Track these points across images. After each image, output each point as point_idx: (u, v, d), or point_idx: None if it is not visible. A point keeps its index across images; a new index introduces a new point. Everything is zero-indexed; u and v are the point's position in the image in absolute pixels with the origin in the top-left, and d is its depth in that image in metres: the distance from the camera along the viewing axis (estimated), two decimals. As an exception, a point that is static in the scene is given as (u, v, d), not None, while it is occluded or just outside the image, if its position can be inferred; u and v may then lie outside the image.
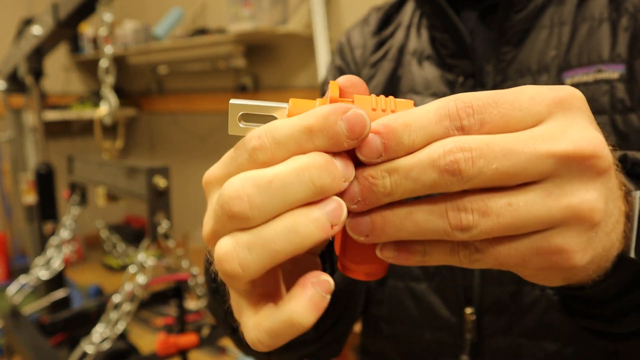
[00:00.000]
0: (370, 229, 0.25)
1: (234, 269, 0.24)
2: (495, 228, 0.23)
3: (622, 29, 0.50)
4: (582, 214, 0.24)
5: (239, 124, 0.27)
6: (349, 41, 0.71)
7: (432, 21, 0.59)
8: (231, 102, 0.27)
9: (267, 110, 0.27)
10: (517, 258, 0.25)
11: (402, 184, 0.24)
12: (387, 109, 0.26)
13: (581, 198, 0.24)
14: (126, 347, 1.32)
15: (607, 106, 0.49)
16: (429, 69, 0.61)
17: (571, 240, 0.24)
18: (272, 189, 0.23)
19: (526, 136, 0.23)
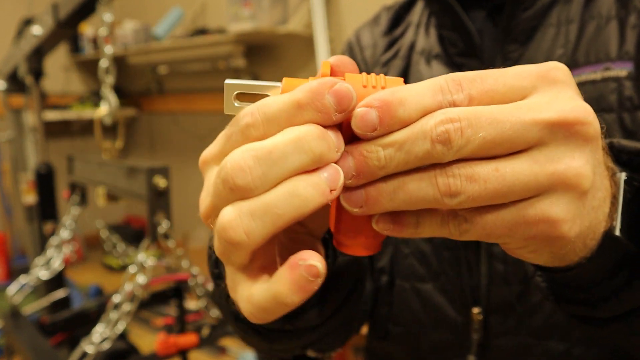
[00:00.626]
0: (364, 200, 0.26)
1: (239, 236, 0.24)
2: (482, 194, 0.24)
3: (630, 27, 0.50)
4: (569, 180, 0.24)
5: (234, 103, 0.28)
6: (359, 41, 0.70)
7: (441, 20, 0.59)
8: (227, 82, 0.28)
9: (261, 89, 0.28)
10: (505, 227, 0.25)
11: (396, 156, 0.25)
12: (378, 85, 0.27)
13: (567, 164, 0.24)
14: (126, 347, 1.32)
15: (614, 104, 0.49)
16: (437, 68, 0.61)
17: (558, 208, 0.25)
18: (272, 159, 0.24)
19: (511, 107, 0.24)
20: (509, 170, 0.24)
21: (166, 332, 1.52)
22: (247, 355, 2.01)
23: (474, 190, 0.24)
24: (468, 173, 0.24)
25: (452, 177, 0.24)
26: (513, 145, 0.24)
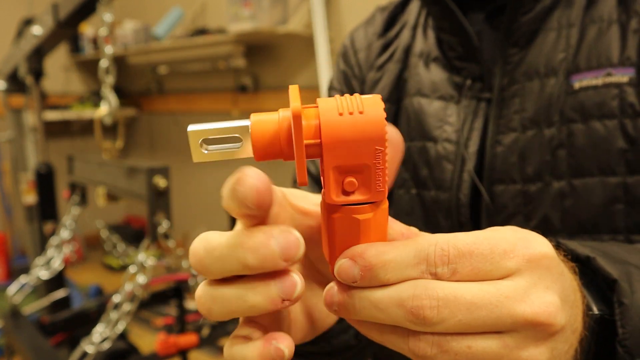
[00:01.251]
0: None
1: (203, 312, 0.27)
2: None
3: (631, 32, 0.50)
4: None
5: (203, 151, 0.26)
6: (353, 44, 0.70)
7: (440, 23, 0.59)
8: (189, 129, 0.26)
9: (228, 132, 0.26)
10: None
11: (370, 311, 0.26)
12: (354, 110, 0.24)
13: (531, 353, 0.26)
14: (126, 347, 1.32)
15: (616, 110, 0.49)
16: (436, 71, 0.60)
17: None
18: (214, 256, 0.26)
19: (492, 292, 0.25)
20: (480, 350, 0.26)
21: (166, 332, 1.52)
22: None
23: (442, 358, 0.26)
24: (442, 345, 0.26)
25: (426, 343, 0.26)
26: (486, 329, 0.26)
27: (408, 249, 0.26)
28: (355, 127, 0.24)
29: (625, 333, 0.32)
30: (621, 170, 0.48)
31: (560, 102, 0.51)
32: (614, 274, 0.33)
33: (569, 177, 0.50)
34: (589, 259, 0.35)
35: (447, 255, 0.26)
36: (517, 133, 0.53)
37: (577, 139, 0.50)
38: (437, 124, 0.58)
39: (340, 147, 0.25)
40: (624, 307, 0.32)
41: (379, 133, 0.24)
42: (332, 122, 0.24)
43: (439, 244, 0.26)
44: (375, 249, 0.26)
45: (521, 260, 0.26)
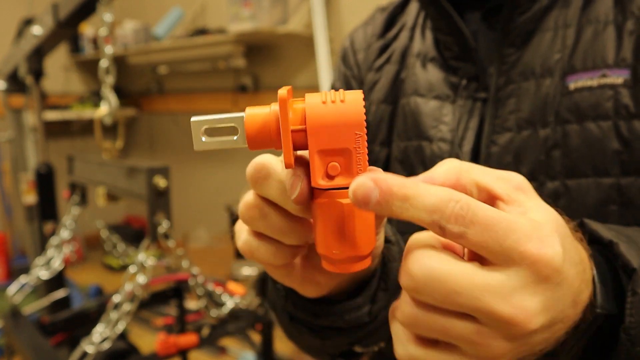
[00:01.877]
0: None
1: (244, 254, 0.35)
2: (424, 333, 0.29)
3: (627, 33, 0.50)
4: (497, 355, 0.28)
5: (202, 139, 0.30)
6: (352, 44, 0.70)
7: (436, 23, 0.59)
8: (192, 119, 0.30)
9: (226, 122, 0.30)
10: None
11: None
12: (337, 99, 0.27)
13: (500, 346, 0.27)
14: (126, 347, 1.32)
15: (611, 112, 0.49)
16: (432, 72, 0.60)
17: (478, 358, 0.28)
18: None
19: (477, 282, 0.26)
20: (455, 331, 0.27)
21: (166, 332, 1.51)
22: (247, 355, 2.01)
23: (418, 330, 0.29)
24: (415, 314, 0.28)
25: (400, 311, 0.29)
26: (462, 311, 0.27)
27: (431, 194, 0.26)
28: (336, 113, 0.27)
29: (632, 322, 0.32)
30: (615, 172, 0.48)
31: (555, 102, 0.51)
32: (634, 263, 0.33)
33: (563, 177, 0.51)
34: (611, 244, 0.35)
35: (464, 217, 0.26)
36: (512, 133, 0.53)
37: (571, 139, 0.50)
38: (433, 124, 0.58)
39: (323, 131, 0.28)
40: (637, 296, 0.32)
41: (358, 118, 0.27)
42: (316, 109, 0.28)
43: (460, 203, 0.26)
44: (401, 180, 0.27)
45: (527, 258, 0.26)
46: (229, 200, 3.05)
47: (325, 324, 0.43)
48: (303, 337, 0.47)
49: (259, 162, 0.31)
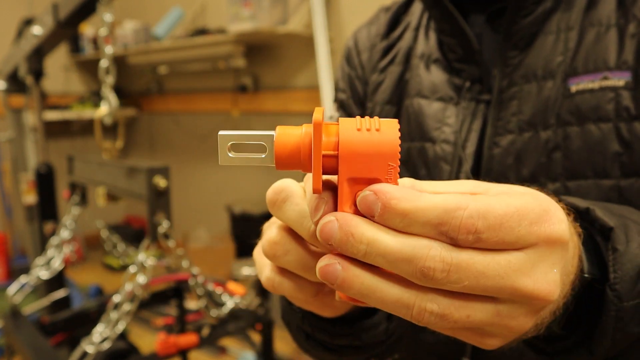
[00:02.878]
0: (340, 280, 0.27)
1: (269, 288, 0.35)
2: (447, 328, 0.28)
3: (629, 36, 0.50)
4: (514, 331, 0.28)
5: (229, 154, 0.29)
6: (356, 44, 0.70)
7: (441, 25, 0.59)
8: (220, 133, 0.29)
9: (255, 139, 0.28)
10: (450, 333, 0.30)
11: (376, 258, 0.26)
12: (372, 128, 0.26)
13: (520, 324, 0.28)
14: (126, 347, 1.32)
15: (611, 114, 0.49)
16: (436, 73, 0.60)
17: (496, 340, 0.29)
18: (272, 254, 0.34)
19: (502, 264, 0.26)
20: (477, 317, 0.27)
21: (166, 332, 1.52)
22: (247, 355, 2.01)
23: (442, 325, 0.27)
24: (445, 313, 0.26)
25: (429, 312, 0.26)
26: (485, 294, 0.26)
27: (436, 206, 0.25)
28: (371, 143, 0.26)
29: (617, 277, 0.33)
30: (615, 174, 0.49)
31: (557, 105, 0.52)
32: (611, 223, 0.35)
33: (563, 179, 0.51)
34: (588, 210, 0.36)
35: (475, 225, 0.25)
36: (514, 135, 0.53)
37: (572, 141, 0.50)
38: (436, 125, 0.58)
39: (356, 159, 0.26)
40: (617, 253, 0.34)
41: (393, 150, 0.26)
42: (350, 136, 0.26)
43: (468, 211, 0.25)
44: (403, 193, 0.26)
45: (542, 237, 0.27)
46: (229, 200, 3.05)
47: (342, 343, 0.44)
48: (319, 354, 0.48)
49: (278, 186, 0.31)
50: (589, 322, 0.35)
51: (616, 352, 0.35)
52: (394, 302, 0.26)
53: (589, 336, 0.35)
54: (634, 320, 0.33)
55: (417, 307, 0.26)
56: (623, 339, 0.34)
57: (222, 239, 3.31)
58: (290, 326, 0.49)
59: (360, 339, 0.43)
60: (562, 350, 0.36)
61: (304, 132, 0.28)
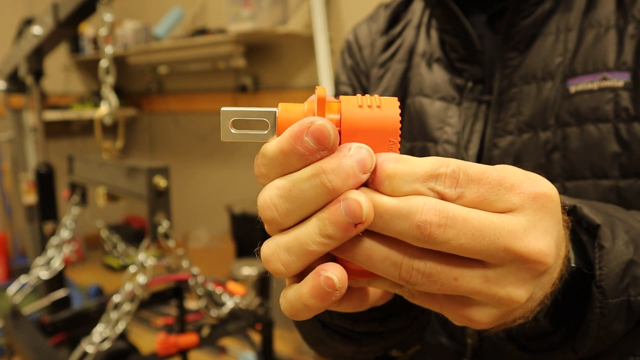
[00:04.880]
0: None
1: (279, 268, 0.27)
2: (434, 290, 0.27)
3: (628, 37, 0.50)
4: (504, 304, 0.28)
5: (231, 131, 0.29)
6: (357, 40, 0.70)
7: (443, 25, 0.59)
8: (222, 109, 0.28)
9: (257, 116, 0.28)
10: (438, 308, 0.30)
11: (374, 220, 0.26)
12: (373, 105, 0.27)
13: (509, 292, 0.27)
14: (126, 347, 1.32)
15: (611, 114, 0.49)
16: (438, 72, 0.60)
17: (483, 315, 0.29)
18: (292, 197, 0.26)
19: (496, 222, 0.26)
20: (464, 282, 0.27)
21: (166, 332, 1.51)
22: (247, 355, 2.01)
23: (430, 287, 0.27)
24: (432, 273, 0.26)
25: (416, 270, 0.26)
26: (478, 256, 0.26)
27: (421, 163, 0.26)
28: (372, 119, 0.27)
29: (602, 275, 0.33)
30: (614, 174, 0.49)
31: (556, 106, 0.52)
32: (597, 220, 0.35)
33: (562, 179, 0.51)
34: (575, 208, 0.36)
35: (457, 178, 0.26)
36: (513, 136, 0.54)
37: (571, 142, 0.50)
38: (438, 125, 0.58)
39: (357, 135, 0.27)
40: (603, 250, 0.34)
41: (394, 125, 0.27)
42: (352, 112, 0.27)
43: (450, 166, 0.26)
44: (390, 156, 0.27)
45: (526, 197, 0.27)
46: (229, 200, 3.05)
47: (364, 329, 0.42)
48: (335, 345, 0.46)
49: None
50: (573, 319, 0.35)
51: (599, 350, 0.35)
52: (382, 260, 0.26)
53: (573, 333, 0.35)
54: (618, 318, 0.33)
55: (406, 265, 0.26)
56: (607, 336, 0.34)
57: (222, 239, 3.31)
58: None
59: (383, 324, 0.42)
60: (546, 347, 0.36)
61: (307, 108, 0.28)
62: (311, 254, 0.26)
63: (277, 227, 0.27)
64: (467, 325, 0.30)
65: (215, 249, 3.31)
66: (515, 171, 0.27)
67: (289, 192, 0.26)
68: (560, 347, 0.35)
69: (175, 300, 1.50)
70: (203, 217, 3.46)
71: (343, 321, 0.42)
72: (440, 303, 0.29)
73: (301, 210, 0.26)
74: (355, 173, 0.26)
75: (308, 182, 0.26)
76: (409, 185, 0.26)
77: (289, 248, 0.27)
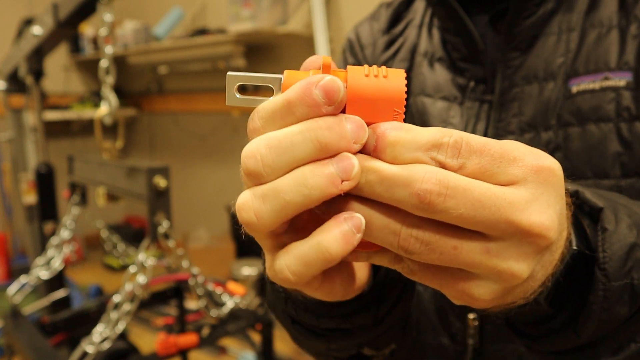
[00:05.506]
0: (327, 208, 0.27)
1: (250, 218, 0.26)
2: (433, 260, 0.27)
3: (630, 37, 0.50)
4: (505, 278, 0.27)
5: (236, 95, 0.29)
6: (359, 39, 0.70)
7: (445, 24, 0.59)
8: (229, 74, 0.28)
9: (262, 81, 0.29)
10: (438, 285, 0.29)
11: (374, 187, 0.26)
12: (379, 75, 0.27)
13: (510, 266, 0.27)
14: (126, 347, 1.32)
15: (612, 114, 0.49)
16: (440, 72, 0.60)
17: (483, 290, 0.28)
18: (281, 148, 0.26)
19: (498, 194, 0.26)
20: (464, 252, 0.26)
21: (166, 332, 1.52)
22: (247, 355, 2.01)
23: (428, 256, 0.26)
24: (430, 241, 0.26)
25: (415, 239, 0.26)
26: (478, 227, 0.26)
27: (423, 132, 0.26)
28: (378, 88, 0.27)
29: (606, 257, 0.33)
30: (615, 174, 0.49)
31: (557, 106, 0.52)
32: (600, 204, 0.35)
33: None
34: (577, 193, 0.36)
35: (459, 149, 0.26)
36: (515, 136, 0.53)
37: (572, 142, 0.50)
38: (440, 125, 0.58)
39: (363, 104, 0.27)
40: (607, 233, 0.34)
41: (399, 95, 0.27)
42: (358, 80, 0.27)
43: (453, 136, 0.26)
44: (394, 124, 0.26)
45: (529, 170, 0.26)
46: (229, 200, 3.05)
47: (330, 326, 0.42)
48: (307, 341, 0.46)
49: None
50: (574, 304, 0.35)
51: (601, 334, 0.34)
52: (382, 228, 0.26)
53: (575, 317, 0.34)
54: (620, 300, 0.33)
55: (404, 233, 0.26)
56: (609, 319, 0.33)
57: (222, 239, 3.31)
58: (276, 311, 0.47)
59: (349, 321, 0.41)
60: (547, 332, 0.36)
61: (312, 74, 0.28)
62: (287, 205, 0.25)
63: (256, 181, 0.26)
64: (467, 304, 0.30)
65: (215, 249, 3.31)
66: (517, 145, 0.27)
67: (279, 143, 0.26)
68: (561, 332, 0.35)
69: (175, 300, 1.51)
70: (203, 217, 3.46)
71: (308, 317, 0.42)
72: (439, 279, 0.29)
73: (287, 164, 0.26)
74: (349, 137, 0.25)
75: (301, 135, 0.25)
76: (411, 154, 0.26)
77: (265, 195, 0.26)
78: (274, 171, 0.26)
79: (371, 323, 0.42)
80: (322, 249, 0.26)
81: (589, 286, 0.34)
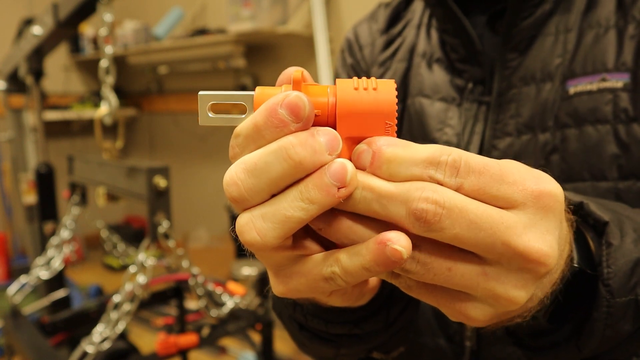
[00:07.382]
0: (326, 222, 0.27)
1: (253, 238, 0.26)
2: (427, 279, 0.26)
3: (628, 37, 0.49)
4: (502, 302, 0.27)
5: (209, 114, 0.29)
6: (357, 39, 0.70)
7: (443, 25, 0.59)
8: (200, 93, 0.28)
9: (235, 99, 0.28)
10: (435, 302, 0.29)
11: (370, 204, 0.25)
12: (369, 87, 0.26)
13: (507, 291, 0.27)
14: (126, 347, 1.32)
15: (609, 115, 0.48)
16: (438, 73, 0.60)
17: (480, 311, 0.28)
18: (257, 170, 0.26)
19: (495, 217, 0.25)
20: (459, 274, 0.26)
21: (166, 332, 1.52)
22: (247, 355, 2.01)
23: (424, 276, 0.26)
24: (426, 262, 0.26)
25: (412, 258, 0.26)
26: (475, 249, 0.25)
27: (421, 150, 0.26)
28: (368, 101, 0.26)
29: (610, 273, 0.33)
30: (613, 176, 0.48)
31: (555, 107, 0.51)
32: (605, 218, 0.34)
33: (561, 181, 0.50)
34: (582, 205, 0.35)
35: (458, 168, 0.25)
36: (512, 138, 0.53)
37: (570, 143, 0.50)
38: (438, 126, 0.58)
39: (354, 118, 0.26)
40: (611, 248, 0.33)
41: (390, 108, 0.26)
42: (348, 94, 0.26)
43: (452, 155, 0.25)
44: (391, 140, 0.26)
45: (529, 195, 0.26)
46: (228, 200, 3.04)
47: (340, 331, 0.41)
48: (316, 347, 0.45)
49: None
50: (576, 318, 0.34)
51: (604, 349, 0.34)
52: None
53: (578, 332, 0.34)
54: (625, 317, 0.33)
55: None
56: (613, 336, 0.33)
57: (222, 239, 3.31)
58: (282, 317, 0.46)
59: (360, 326, 0.41)
60: (548, 345, 0.36)
61: (284, 90, 0.27)
62: (289, 220, 0.25)
63: (242, 206, 0.26)
64: (463, 322, 0.29)
65: (215, 249, 3.31)
66: (518, 166, 0.27)
67: (254, 166, 0.26)
68: (563, 346, 0.35)
69: (175, 300, 1.51)
70: (203, 217, 3.46)
71: (317, 323, 0.41)
72: (436, 297, 0.28)
73: (267, 186, 0.25)
74: (322, 150, 0.25)
75: (274, 155, 0.25)
76: (408, 171, 0.25)
77: (264, 215, 0.26)
78: (258, 194, 0.26)
79: (382, 327, 0.42)
80: (367, 269, 0.26)
81: (591, 301, 0.33)
